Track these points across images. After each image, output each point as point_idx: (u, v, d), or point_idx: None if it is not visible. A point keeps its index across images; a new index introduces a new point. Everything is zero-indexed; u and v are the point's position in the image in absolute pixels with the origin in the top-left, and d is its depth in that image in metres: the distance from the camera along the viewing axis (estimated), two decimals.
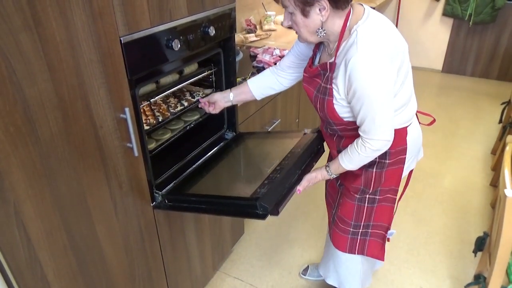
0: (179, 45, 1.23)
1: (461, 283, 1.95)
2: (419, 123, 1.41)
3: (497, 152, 2.77)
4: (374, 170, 1.33)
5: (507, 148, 1.67)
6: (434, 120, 1.43)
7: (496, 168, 2.71)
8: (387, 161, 1.31)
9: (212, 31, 1.38)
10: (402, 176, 1.38)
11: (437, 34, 4.53)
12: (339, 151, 1.34)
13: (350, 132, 1.27)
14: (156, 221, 1.38)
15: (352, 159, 1.25)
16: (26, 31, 0.80)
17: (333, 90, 1.18)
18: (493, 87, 4.30)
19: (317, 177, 1.34)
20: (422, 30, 4.55)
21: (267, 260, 2.10)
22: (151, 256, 1.40)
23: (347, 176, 1.40)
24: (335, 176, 1.34)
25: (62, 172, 0.97)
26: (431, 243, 2.20)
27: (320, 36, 1.16)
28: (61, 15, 0.86)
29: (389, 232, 1.48)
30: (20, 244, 0.91)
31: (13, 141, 0.83)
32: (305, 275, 1.98)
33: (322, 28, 1.14)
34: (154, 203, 1.35)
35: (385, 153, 1.28)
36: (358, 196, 1.39)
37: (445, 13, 4.34)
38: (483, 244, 1.73)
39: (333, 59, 1.17)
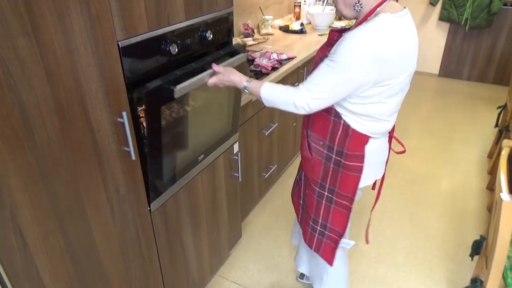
0: (176, 50, 1.24)
1: (458, 286, 1.95)
2: (390, 147, 1.43)
3: (493, 156, 2.79)
4: (332, 165, 1.35)
5: (503, 152, 1.68)
6: (404, 151, 1.46)
7: (493, 171, 2.72)
8: (343, 161, 1.32)
9: (209, 35, 1.39)
10: (359, 187, 1.37)
11: (433, 39, 4.56)
12: (307, 132, 1.40)
13: (321, 111, 1.29)
14: (153, 225, 1.37)
15: (274, 91, 1.26)
16: (24, 35, 0.81)
17: None
18: (489, 91, 4.33)
19: (233, 78, 1.33)
20: (419, 35, 4.58)
21: (264, 264, 2.10)
22: (148, 260, 1.39)
23: (307, 165, 1.44)
24: (246, 91, 1.32)
25: (59, 176, 0.97)
26: (428, 246, 2.21)
27: (356, 11, 1.21)
28: (59, 19, 0.87)
29: (346, 242, 1.51)
30: (16, 248, 0.91)
31: (10, 145, 0.83)
32: (302, 279, 1.98)
33: (359, 3, 1.19)
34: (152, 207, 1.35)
35: (341, 152, 1.31)
36: (317, 189, 1.42)
37: (442, 18, 4.37)
38: (480, 248, 1.74)
39: None
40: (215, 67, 1.35)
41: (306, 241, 1.59)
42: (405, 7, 1.20)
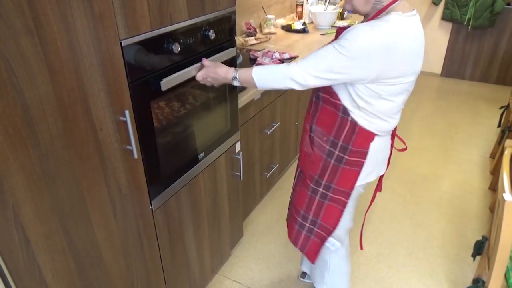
0: (179, 49, 1.24)
1: (459, 287, 1.95)
2: (392, 145, 1.44)
3: (496, 156, 2.78)
4: (332, 161, 1.35)
5: (506, 152, 1.67)
6: (406, 148, 1.46)
7: (495, 172, 2.72)
8: (346, 157, 1.32)
9: (212, 34, 1.38)
10: (358, 184, 1.37)
11: (436, 38, 4.55)
12: (311, 127, 1.39)
13: (328, 105, 1.30)
14: (155, 224, 1.38)
15: (266, 70, 1.26)
16: (27, 34, 0.81)
17: None
18: (492, 91, 4.31)
19: (219, 71, 1.33)
20: None
21: (265, 264, 2.10)
22: (149, 259, 1.40)
23: (305, 161, 1.43)
24: (238, 83, 1.32)
25: (62, 174, 0.97)
26: (429, 247, 2.20)
27: (375, 7, 1.20)
28: (62, 18, 0.87)
29: (332, 241, 1.51)
30: (19, 246, 0.91)
31: (12, 144, 0.83)
32: (303, 278, 1.98)
33: None
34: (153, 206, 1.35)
35: (346, 148, 1.31)
36: (312, 185, 1.42)
37: (444, 18, 4.36)
38: (482, 248, 1.73)
39: None
40: (204, 61, 1.36)
41: (291, 238, 1.57)
42: (414, 9, 1.21)
